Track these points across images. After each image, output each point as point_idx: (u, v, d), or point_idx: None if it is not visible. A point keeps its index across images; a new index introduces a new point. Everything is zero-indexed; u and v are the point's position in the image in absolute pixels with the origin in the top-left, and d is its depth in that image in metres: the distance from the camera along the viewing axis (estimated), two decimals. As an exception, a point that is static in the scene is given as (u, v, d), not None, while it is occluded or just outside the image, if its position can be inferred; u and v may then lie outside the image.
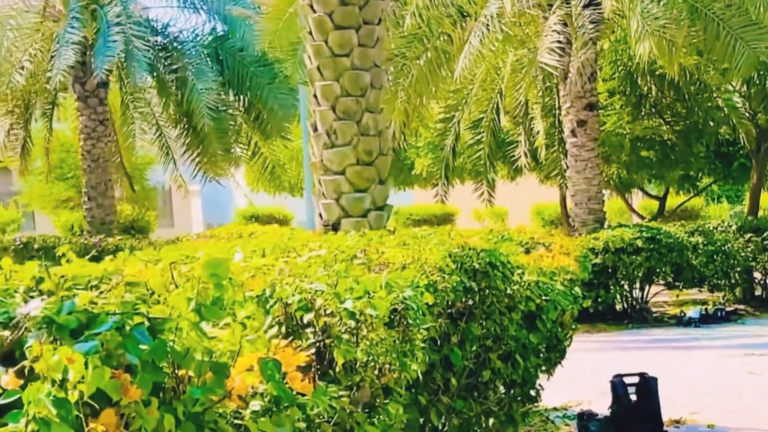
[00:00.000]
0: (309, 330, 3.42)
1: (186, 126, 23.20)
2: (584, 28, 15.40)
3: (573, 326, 7.28)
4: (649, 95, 20.40)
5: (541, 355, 6.71)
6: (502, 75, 19.32)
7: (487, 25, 15.07)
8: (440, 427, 5.49)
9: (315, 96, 9.67)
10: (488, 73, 19.28)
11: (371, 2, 9.71)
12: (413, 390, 4.80)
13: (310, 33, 9.73)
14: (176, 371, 2.53)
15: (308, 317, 3.37)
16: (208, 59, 23.40)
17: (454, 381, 5.38)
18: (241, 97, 23.52)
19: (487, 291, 5.69)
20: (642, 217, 25.28)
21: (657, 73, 18.62)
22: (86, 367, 2.18)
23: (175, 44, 23.34)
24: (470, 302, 5.45)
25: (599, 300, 16.23)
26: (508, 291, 5.98)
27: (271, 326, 3.39)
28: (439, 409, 5.28)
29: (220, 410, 2.62)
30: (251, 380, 2.79)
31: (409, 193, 32.68)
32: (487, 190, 20.81)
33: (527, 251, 7.75)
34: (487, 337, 5.76)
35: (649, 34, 14.75)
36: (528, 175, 22.36)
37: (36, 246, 20.90)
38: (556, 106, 17.97)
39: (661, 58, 15.69)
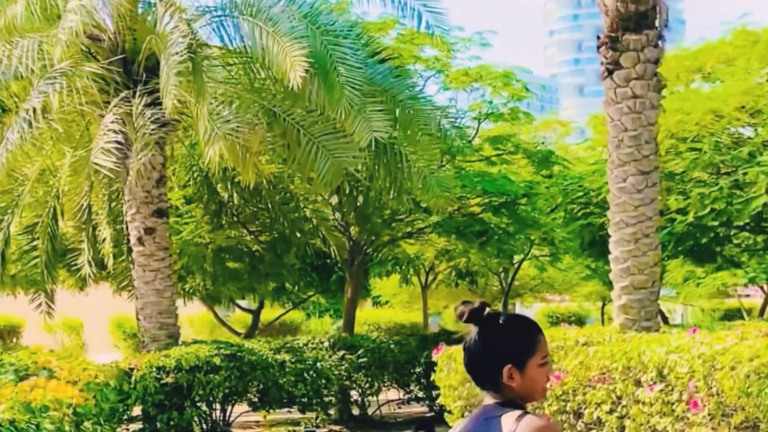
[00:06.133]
0: None
1: None
2: (145, 129, 13.71)
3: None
4: (231, 203, 18.97)
5: None
6: (59, 176, 17.20)
7: (29, 120, 13.04)
8: None
9: None
10: (43, 174, 17.12)
11: None
12: None
13: None
14: None
15: None
16: None
17: None
18: None
19: None
20: (236, 332, 23.65)
21: (237, 180, 17.22)
22: None
23: None
24: None
25: (172, 423, 14.67)
26: None
27: None
28: None
29: None
30: None
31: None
32: (46, 301, 18.34)
33: (22, 378, 6.06)
34: None
35: (220, 138, 13.28)
36: (104, 285, 20.31)
37: None
38: (125, 211, 16.18)
39: (234, 163, 14.31)
